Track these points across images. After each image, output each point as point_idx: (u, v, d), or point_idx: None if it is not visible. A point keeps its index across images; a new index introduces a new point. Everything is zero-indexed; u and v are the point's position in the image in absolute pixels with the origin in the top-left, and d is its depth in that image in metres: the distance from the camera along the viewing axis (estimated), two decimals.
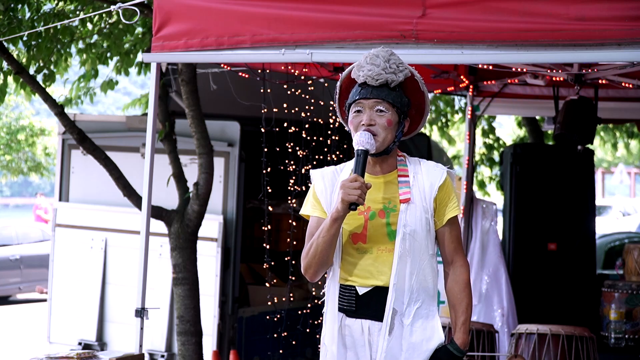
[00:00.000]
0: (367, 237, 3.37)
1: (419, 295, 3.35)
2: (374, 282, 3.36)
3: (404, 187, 3.38)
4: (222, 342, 7.80)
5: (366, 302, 3.36)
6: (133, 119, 8.47)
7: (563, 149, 8.19)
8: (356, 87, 3.41)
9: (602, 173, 31.03)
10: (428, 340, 3.36)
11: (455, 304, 3.41)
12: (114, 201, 8.00)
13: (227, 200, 7.88)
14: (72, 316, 8.52)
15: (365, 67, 3.37)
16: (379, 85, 3.36)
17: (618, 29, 3.98)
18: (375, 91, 3.36)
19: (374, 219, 3.37)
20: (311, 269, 3.39)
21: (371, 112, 3.36)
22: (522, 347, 5.69)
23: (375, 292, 3.35)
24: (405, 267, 3.33)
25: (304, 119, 6.79)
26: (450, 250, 3.44)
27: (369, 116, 3.36)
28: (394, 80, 3.37)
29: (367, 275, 3.37)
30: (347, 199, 3.23)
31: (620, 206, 26.02)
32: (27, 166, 18.15)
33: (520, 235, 8.17)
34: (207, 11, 4.86)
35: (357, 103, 3.38)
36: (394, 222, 3.35)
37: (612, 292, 7.07)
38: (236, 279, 7.90)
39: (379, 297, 3.34)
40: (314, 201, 3.44)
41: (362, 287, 3.37)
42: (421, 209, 3.36)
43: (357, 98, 3.38)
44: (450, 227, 3.42)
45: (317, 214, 3.43)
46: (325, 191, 3.44)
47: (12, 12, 6.71)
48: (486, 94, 7.72)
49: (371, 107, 3.36)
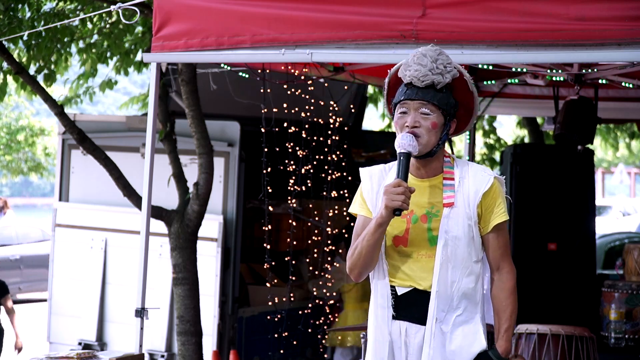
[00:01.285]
0: (408, 241, 3.33)
1: (459, 302, 3.32)
2: (412, 284, 3.33)
3: (448, 190, 3.32)
4: (222, 342, 7.80)
5: (405, 304, 3.33)
6: (133, 119, 8.47)
7: (563, 149, 8.18)
8: (402, 87, 3.34)
9: (602, 173, 31.03)
10: (469, 346, 3.35)
11: (500, 311, 3.40)
12: (114, 201, 7.99)
13: (227, 200, 7.88)
14: (72, 316, 8.52)
15: (412, 67, 3.30)
16: (425, 86, 3.30)
17: (618, 29, 3.98)
18: (421, 92, 3.29)
19: (416, 223, 3.32)
20: (356, 270, 3.35)
21: (416, 113, 3.29)
22: (522, 347, 5.68)
23: (414, 294, 3.32)
24: (446, 274, 3.30)
25: (304, 119, 6.79)
26: (497, 257, 3.39)
27: (413, 118, 3.29)
28: (440, 81, 3.29)
29: (406, 278, 3.33)
30: (390, 205, 3.19)
31: (620, 206, 26.02)
32: (27, 166, 18.15)
33: (520, 235, 8.16)
34: (207, 11, 4.86)
35: (403, 104, 3.31)
36: (435, 227, 3.31)
37: (612, 292, 7.06)
38: (236, 279, 7.90)
39: (417, 300, 3.31)
40: (361, 200, 3.40)
41: (402, 288, 3.34)
42: (464, 215, 3.31)
43: (402, 99, 3.31)
44: (496, 234, 3.36)
45: (363, 213, 3.39)
46: (372, 191, 3.39)
47: (12, 12, 6.71)
48: (486, 94, 7.72)
49: (416, 109, 3.29)
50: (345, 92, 7.32)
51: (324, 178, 6.99)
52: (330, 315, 7.92)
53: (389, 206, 3.18)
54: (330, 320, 8.00)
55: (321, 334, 7.71)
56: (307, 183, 6.62)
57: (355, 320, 7.96)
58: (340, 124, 7.13)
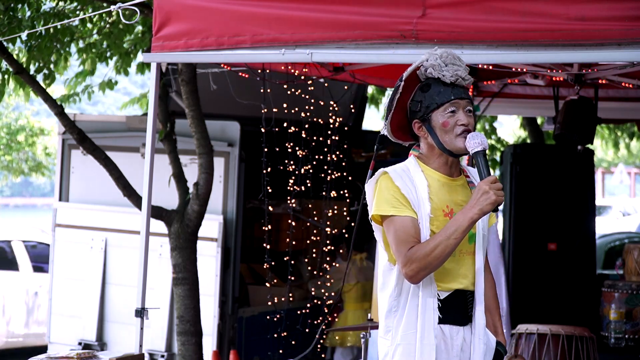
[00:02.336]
0: None
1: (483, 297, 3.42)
2: (455, 285, 3.34)
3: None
4: (222, 342, 7.80)
5: (448, 306, 3.33)
6: (133, 119, 8.47)
7: (563, 149, 8.18)
8: (441, 87, 3.35)
9: (602, 173, 31.03)
10: (493, 339, 3.45)
11: (492, 308, 3.49)
12: (114, 201, 7.99)
13: (227, 200, 7.88)
14: (72, 316, 8.52)
15: (449, 68, 3.35)
16: (465, 86, 3.38)
17: (618, 29, 3.98)
18: (465, 92, 3.37)
19: None
20: (427, 271, 3.25)
21: (464, 112, 3.34)
22: (522, 347, 5.69)
23: (456, 296, 3.34)
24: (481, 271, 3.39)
25: (304, 119, 6.79)
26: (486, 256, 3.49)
27: (465, 116, 3.33)
28: (472, 81, 3.42)
29: (450, 278, 3.34)
30: (499, 201, 3.21)
31: (620, 206, 26.03)
32: (27, 166, 18.14)
33: (520, 235, 8.17)
34: (207, 11, 4.86)
35: (453, 103, 3.33)
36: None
37: (612, 292, 7.06)
38: (236, 279, 7.90)
39: (459, 301, 3.34)
40: (401, 200, 3.31)
41: (444, 292, 3.33)
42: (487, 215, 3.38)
43: (452, 98, 3.33)
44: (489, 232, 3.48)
45: (407, 213, 3.30)
46: (410, 190, 3.33)
47: (11, 12, 6.70)
48: (486, 94, 7.72)
49: (464, 107, 3.35)
50: (345, 92, 7.32)
51: (323, 178, 6.99)
52: (329, 316, 7.92)
53: (498, 201, 3.20)
54: (330, 320, 8.00)
55: (321, 333, 7.71)
56: (307, 183, 6.63)
57: (355, 320, 7.96)
58: (340, 124, 7.13)
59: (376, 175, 3.40)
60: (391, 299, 3.35)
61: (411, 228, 3.28)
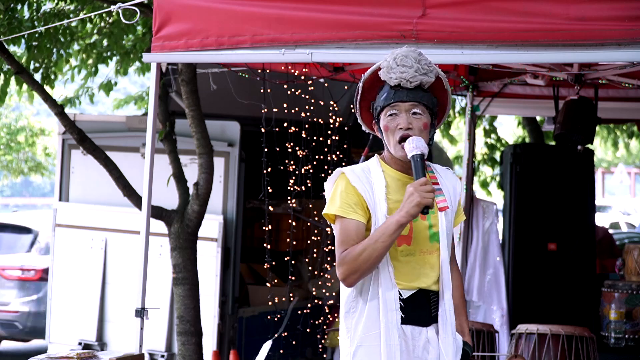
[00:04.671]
0: (412, 240, 3.32)
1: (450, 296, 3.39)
2: (417, 284, 3.32)
3: (439, 194, 3.30)
4: (222, 342, 7.80)
5: (411, 306, 3.30)
6: (133, 119, 8.47)
7: (563, 149, 8.19)
8: (388, 89, 3.32)
9: (602, 173, 31.05)
10: (460, 338, 3.44)
11: (459, 309, 3.45)
12: (114, 201, 7.99)
13: (227, 200, 7.88)
14: (72, 316, 8.52)
15: (396, 69, 3.28)
16: (414, 87, 3.30)
17: (618, 29, 3.98)
18: (410, 93, 3.29)
19: (418, 221, 3.31)
20: (357, 274, 3.23)
21: (407, 115, 3.29)
22: (522, 347, 5.69)
23: (419, 295, 3.31)
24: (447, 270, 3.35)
25: (304, 119, 6.79)
26: (452, 255, 3.47)
27: (406, 119, 3.28)
28: (428, 81, 3.31)
29: (412, 279, 3.32)
30: (424, 202, 3.15)
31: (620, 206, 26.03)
32: (27, 166, 18.14)
33: (520, 235, 8.17)
34: (207, 11, 4.86)
35: (393, 106, 3.30)
36: (435, 223, 3.33)
37: (612, 292, 7.07)
38: (236, 279, 7.90)
39: (422, 301, 3.32)
40: (352, 203, 3.31)
41: (407, 290, 3.31)
42: (451, 213, 3.39)
43: (392, 101, 3.29)
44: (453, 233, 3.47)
45: (354, 217, 3.29)
46: (367, 190, 3.32)
47: (11, 12, 6.70)
48: (486, 94, 7.72)
49: (407, 110, 3.29)
50: (345, 92, 7.31)
51: (324, 178, 6.97)
52: (329, 315, 7.92)
53: (422, 203, 3.15)
54: (330, 320, 8.00)
55: (321, 333, 7.71)
56: (307, 183, 6.62)
57: None
58: (340, 124, 7.12)
59: (334, 175, 3.42)
60: (349, 299, 3.32)
61: (353, 231, 3.27)
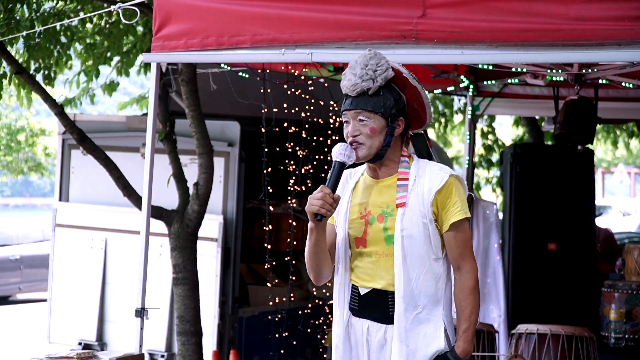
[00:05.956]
0: (367, 242, 3.39)
1: (419, 300, 3.33)
2: (373, 284, 3.38)
3: (401, 191, 3.35)
4: (222, 342, 7.80)
5: (367, 303, 3.39)
6: (133, 119, 8.47)
7: (563, 149, 8.18)
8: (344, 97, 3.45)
9: (602, 173, 31.05)
10: (426, 347, 3.34)
11: (459, 311, 3.38)
12: (114, 201, 7.99)
13: (227, 200, 7.88)
14: (72, 316, 8.52)
15: (346, 77, 3.39)
16: (357, 94, 3.37)
17: (618, 29, 3.98)
18: (355, 101, 3.38)
19: (373, 224, 3.38)
20: (310, 273, 3.51)
21: (355, 122, 3.38)
22: (522, 347, 5.69)
23: (374, 294, 3.38)
24: (404, 273, 3.32)
25: (304, 119, 6.79)
26: (456, 256, 3.38)
27: (353, 127, 3.38)
28: (370, 87, 3.35)
29: (368, 278, 3.39)
30: (308, 209, 3.29)
31: (620, 206, 26.02)
32: (27, 166, 18.14)
33: (520, 235, 8.16)
34: (207, 11, 4.85)
35: (344, 115, 3.42)
36: (390, 226, 3.35)
37: (612, 292, 7.06)
38: (236, 279, 7.90)
39: (377, 299, 3.37)
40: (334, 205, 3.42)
41: (363, 288, 3.40)
42: (418, 214, 3.34)
43: (342, 110, 3.42)
44: (455, 232, 3.36)
45: (331, 219, 3.49)
46: (342, 193, 3.48)
47: (10, 13, 6.70)
48: (486, 94, 7.72)
49: (354, 118, 3.38)
50: None
51: (323, 178, 6.98)
52: (330, 315, 7.91)
53: (307, 210, 3.29)
54: (330, 320, 7.99)
55: (321, 333, 7.71)
56: (307, 183, 6.62)
57: None
58: (340, 124, 7.12)
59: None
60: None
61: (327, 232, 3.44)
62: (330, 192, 3.28)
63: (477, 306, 3.37)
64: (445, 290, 3.38)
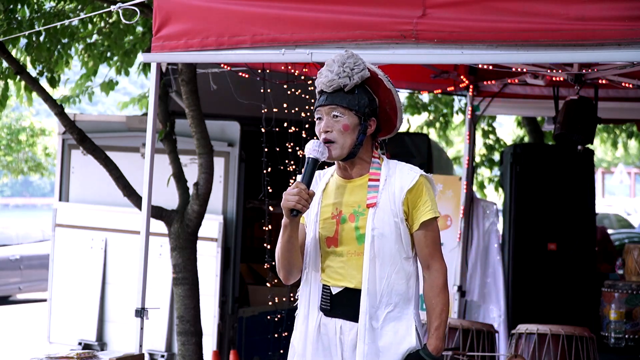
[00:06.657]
0: (338, 241, 3.42)
1: (390, 298, 3.37)
2: (345, 283, 3.41)
3: (372, 191, 3.39)
4: (222, 342, 7.80)
5: (339, 302, 3.41)
6: (133, 119, 8.47)
7: (563, 149, 8.19)
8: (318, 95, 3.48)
9: (602, 173, 31.06)
10: (398, 344, 3.37)
11: (429, 310, 3.40)
12: (114, 201, 7.99)
13: (227, 200, 7.88)
14: (72, 316, 8.52)
15: (322, 75, 3.43)
16: (333, 91, 3.40)
17: (618, 29, 3.98)
18: (330, 97, 3.41)
19: (345, 223, 3.41)
20: (281, 272, 3.50)
21: (328, 118, 3.40)
22: (522, 347, 5.69)
23: (346, 293, 3.40)
24: (375, 271, 3.36)
25: (304, 119, 6.79)
26: (426, 255, 3.42)
27: (326, 123, 3.40)
28: (347, 84, 3.39)
29: (340, 277, 3.42)
30: (284, 205, 3.30)
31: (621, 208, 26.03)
32: (27, 166, 18.15)
33: (520, 235, 8.17)
34: (207, 11, 4.86)
35: (317, 111, 3.44)
36: (362, 225, 3.38)
37: (612, 292, 7.07)
38: (236, 279, 7.90)
39: (350, 298, 3.38)
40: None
41: (335, 287, 3.43)
42: (390, 213, 3.37)
43: (315, 106, 3.44)
44: (424, 231, 3.40)
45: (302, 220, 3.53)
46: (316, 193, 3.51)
47: (10, 13, 6.70)
48: (486, 94, 7.72)
49: (328, 114, 3.40)
50: None
51: None
52: None
53: (283, 206, 3.30)
54: None
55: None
56: None
57: None
58: None
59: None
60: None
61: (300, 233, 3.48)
62: (306, 188, 3.32)
63: (447, 304, 3.41)
64: (415, 289, 3.43)
